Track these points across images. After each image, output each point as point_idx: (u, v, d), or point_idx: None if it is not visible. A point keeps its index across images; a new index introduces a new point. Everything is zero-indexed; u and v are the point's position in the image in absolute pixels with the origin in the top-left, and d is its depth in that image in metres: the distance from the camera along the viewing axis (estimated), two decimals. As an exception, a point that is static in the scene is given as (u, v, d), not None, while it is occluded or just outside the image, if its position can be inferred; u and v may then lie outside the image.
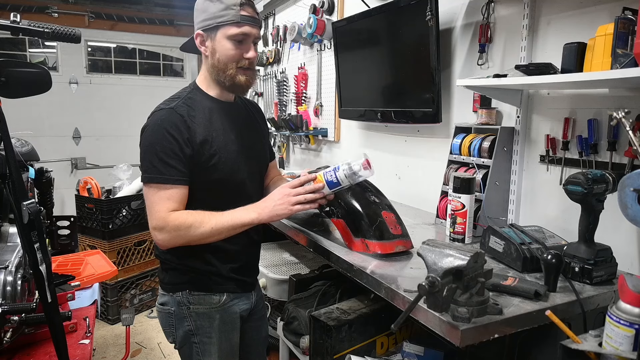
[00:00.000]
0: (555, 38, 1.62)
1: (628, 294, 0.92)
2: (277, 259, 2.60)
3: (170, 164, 1.30)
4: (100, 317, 3.37)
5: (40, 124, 4.81)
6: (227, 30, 1.35)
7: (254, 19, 1.38)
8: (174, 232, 1.30)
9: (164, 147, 1.30)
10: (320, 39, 3.01)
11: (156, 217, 1.31)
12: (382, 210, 1.52)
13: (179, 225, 1.30)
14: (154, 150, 1.31)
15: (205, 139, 1.35)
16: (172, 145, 1.30)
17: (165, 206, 1.30)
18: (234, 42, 1.36)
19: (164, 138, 1.30)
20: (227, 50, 1.37)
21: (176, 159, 1.31)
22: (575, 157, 1.58)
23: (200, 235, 1.31)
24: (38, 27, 1.09)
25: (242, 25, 1.35)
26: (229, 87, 1.43)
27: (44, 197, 2.32)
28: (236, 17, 1.34)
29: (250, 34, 1.37)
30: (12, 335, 1.28)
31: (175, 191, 1.32)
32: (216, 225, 1.32)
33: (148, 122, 1.36)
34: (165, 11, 5.39)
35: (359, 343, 1.71)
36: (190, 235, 1.31)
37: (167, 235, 1.31)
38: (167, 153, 1.30)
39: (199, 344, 1.44)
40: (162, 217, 1.30)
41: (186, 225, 1.30)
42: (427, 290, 0.95)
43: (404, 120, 2.24)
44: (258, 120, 1.63)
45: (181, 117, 1.33)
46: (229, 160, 1.40)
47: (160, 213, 1.30)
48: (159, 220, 1.31)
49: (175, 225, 1.30)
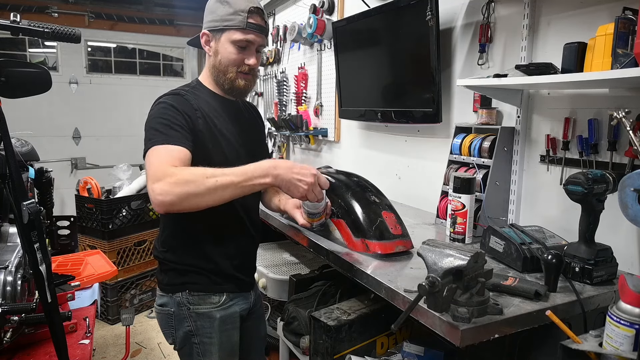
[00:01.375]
0: (555, 38, 1.62)
1: (628, 294, 0.92)
2: (277, 259, 2.60)
3: (175, 129, 1.26)
4: (100, 317, 3.37)
5: (40, 124, 4.81)
6: (232, 34, 1.36)
7: (261, 27, 1.39)
8: (174, 181, 1.13)
9: (169, 117, 1.28)
10: (320, 39, 3.00)
11: (154, 167, 1.17)
12: (382, 210, 1.52)
13: (179, 173, 1.15)
14: (158, 120, 1.28)
15: (206, 126, 1.36)
16: (177, 117, 1.29)
17: (166, 160, 1.18)
18: (237, 47, 1.38)
19: (168, 110, 1.29)
20: (229, 54, 1.38)
21: (180, 127, 1.28)
22: (575, 157, 1.58)
23: (203, 188, 1.15)
24: (38, 27, 1.09)
25: (247, 32, 1.36)
26: (227, 90, 1.45)
27: (44, 197, 2.32)
28: (243, 23, 1.35)
29: (254, 42, 1.39)
30: (12, 335, 1.28)
31: (179, 150, 1.22)
32: (221, 180, 1.16)
33: (153, 106, 1.35)
34: (165, 11, 5.39)
35: (359, 343, 1.71)
36: (192, 187, 1.14)
37: (164, 185, 1.13)
38: (171, 121, 1.27)
39: (199, 344, 1.44)
40: (163, 168, 1.16)
41: (187, 174, 1.15)
42: (427, 290, 0.95)
43: (404, 120, 2.24)
44: (257, 121, 1.65)
45: (187, 101, 1.35)
46: (228, 148, 1.41)
47: (161, 165, 1.17)
48: (156, 171, 1.16)
49: (175, 172, 1.15)
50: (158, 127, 1.27)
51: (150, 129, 1.28)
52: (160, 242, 1.48)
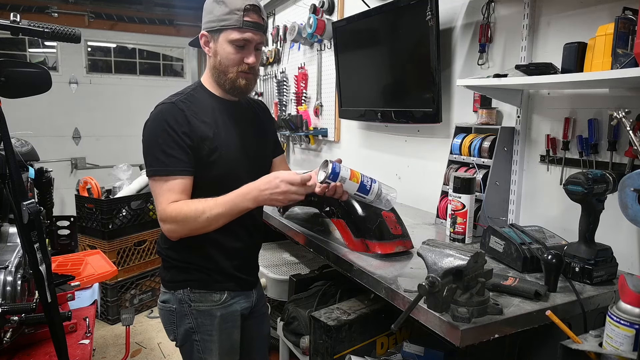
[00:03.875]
0: (555, 38, 1.62)
1: (628, 294, 0.92)
2: (277, 259, 2.60)
3: (172, 155, 1.32)
4: (100, 317, 3.37)
5: (40, 124, 4.80)
6: (229, 34, 1.36)
7: (258, 24, 1.38)
8: (174, 223, 1.33)
9: (165, 139, 1.32)
10: (320, 39, 3.01)
11: (159, 209, 1.34)
12: (382, 210, 1.52)
13: (176, 216, 1.31)
14: (155, 143, 1.33)
15: (206, 134, 1.36)
16: (173, 136, 1.32)
17: (165, 197, 1.32)
18: (236, 47, 1.37)
19: (164, 130, 1.32)
20: (228, 54, 1.38)
21: (178, 149, 1.32)
22: (575, 157, 1.58)
23: (199, 224, 1.32)
24: (38, 27, 1.09)
25: (244, 31, 1.35)
26: (228, 90, 1.44)
27: (44, 197, 2.32)
28: (239, 22, 1.34)
29: (252, 40, 1.38)
30: (12, 335, 1.28)
31: (178, 182, 1.33)
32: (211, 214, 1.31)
33: (149, 118, 1.38)
34: (165, 11, 5.39)
35: (359, 343, 1.71)
36: (190, 225, 1.32)
37: (169, 226, 1.34)
38: (168, 144, 1.32)
39: (199, 341, 1.44)
40: (163, 208, 1.32)
41: (182, 216, 1.31)
42: (427, 290, 0.95)
43: (404, 120, 2.24)
44: (263, 119, 1.62)
45: (181, 112, 1.35)
46: (229, 157, 1.40)
47: (162, 205, 1.33)
48: (161, 212, 1.34)
49: (173, 216, 1.32)
50: (156, 153, 1.33)
51: (149, 153, 1.35)
52: (163, 239, 1.48)
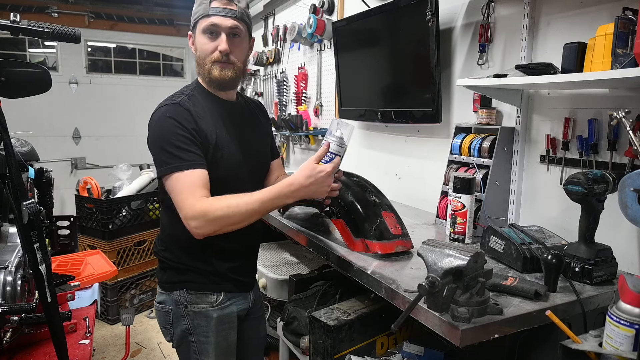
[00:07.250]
0: (555, 38, 1.62)
1: (628, 294, 0.92)
2: (277, 259, 2.60)
3: (190, 150, 1.29)
4: (100, 317, 3.37)
5: (40, 124, 4.81)
6: (200, 24, 1.37)
7: (225, 9, 1.35)
8: (205, 220, 1.25)
9: (177, 136, 1.29)
10: (320, 39, 3.01)
11: (186, 205, 1.26)
12: (382, 210, 1.52)
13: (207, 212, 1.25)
14: (168, 141, 1.29)
15: (209, 135, 1.35)
16: (185, 133, 1.30)
17: (192, 193, 1.26)
18: (207, 36, 1.36)
19: (174, 127, 1.29)
20: (202, 45, 1.37)
21: (193, 145, 1.30)
22: (575, 157, 1.58)
23: (233, 221, 1.27)
24: (38, 27, 1.09)
25: (210, 16, 1.34)
26: (207, 83, 1.42)
27: (44, 197, 2.32)
28: (206, 10, 1.35)
29: (220, 25, 1.35)
30: (12, 335, 1.28)
31: (200, 176, 1.28)
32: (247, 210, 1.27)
33: (154, 118, 1.35)
34: (165, 11, 5.40)
35: (359, 343, 1.71)
36: (222, 222, 1.26)
37: (198, 222, 1.25)
38: (183, 141, 1.29)
39: (196, 342, 1.44)
40: (192, 204, 1.25)
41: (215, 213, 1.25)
42: (427, 290, 0.95)
43: (404, 120, 2.24)
44: (261, 119, 1.62)
45: (187, 111, 1.33)
46: (231, 158, 1.40)
47: (188, 200, 1.25)
48: (188, 209, 1.25)
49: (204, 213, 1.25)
50: (169, 149, 1.28)
51: (161, 150, 1.30)
52: (160, 240, 1.49)
